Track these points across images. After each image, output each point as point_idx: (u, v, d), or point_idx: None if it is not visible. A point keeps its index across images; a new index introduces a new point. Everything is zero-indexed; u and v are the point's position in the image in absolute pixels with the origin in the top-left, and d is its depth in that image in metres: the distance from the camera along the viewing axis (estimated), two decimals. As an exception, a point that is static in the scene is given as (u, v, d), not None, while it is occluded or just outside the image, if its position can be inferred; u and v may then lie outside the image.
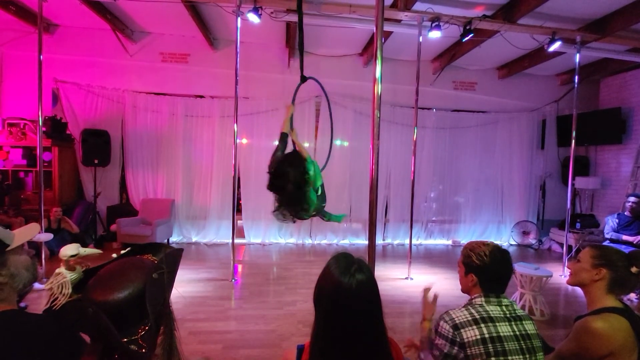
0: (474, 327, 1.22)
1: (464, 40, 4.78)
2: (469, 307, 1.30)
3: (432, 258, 5.98)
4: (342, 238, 6.75)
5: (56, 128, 5.45)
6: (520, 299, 3.64)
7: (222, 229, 6.39)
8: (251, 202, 6.42)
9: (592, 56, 5.93)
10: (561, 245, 5.86)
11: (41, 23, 4.19)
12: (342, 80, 6.44)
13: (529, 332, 1.25)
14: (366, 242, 2.58)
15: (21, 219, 4.89)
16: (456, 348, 1.24)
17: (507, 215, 7.19)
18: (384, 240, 6.84)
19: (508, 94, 7.11)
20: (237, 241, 4.99)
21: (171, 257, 0.93)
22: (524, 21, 4.64)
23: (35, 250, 1.73)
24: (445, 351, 1.26)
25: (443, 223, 7.14)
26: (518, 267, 3.68)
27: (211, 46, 6.12)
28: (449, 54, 6.16)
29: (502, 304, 1.30)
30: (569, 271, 1.59)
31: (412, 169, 4.92)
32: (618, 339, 1.29)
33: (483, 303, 1.31)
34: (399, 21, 4.76)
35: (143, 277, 0.84)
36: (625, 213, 4.57)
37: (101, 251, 1.26)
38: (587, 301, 1.50)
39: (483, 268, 1.34)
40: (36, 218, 4.43)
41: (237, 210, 4.76)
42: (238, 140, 4.54)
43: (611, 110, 6.52)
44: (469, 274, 1.38)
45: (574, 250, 5.66)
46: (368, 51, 6.20)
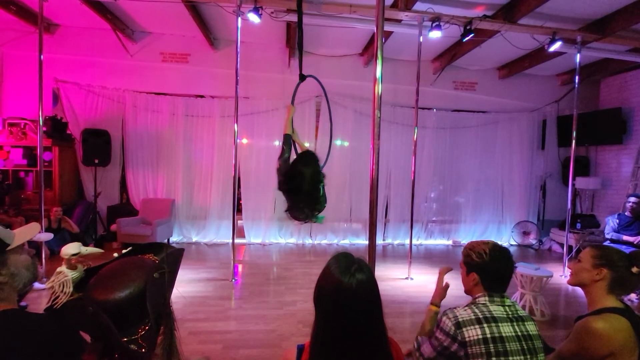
0: (477, 327, 1.23)
1: (465, 40, 4.78)
2: (472, 307, 1.30)
3: (433, 258, 5.98)
4: (343, 238, 6.75)
5: (56, 128, 5.45)
6: (520, 299, 3.63)
7: (222, 229, 6.40)
8: (251, 202, 6.43)
9: (593, 56, 5.92)
10: (561, 245, 5.86)
11: (42, 23, 4.19)
12: (343, 80, 6.44)
13: (531, 333, 1.25)
14: (366, 242, 2.58)
15: (21, 219, 4.89)
16: (456, 345, 1.24)
17: (508, 215, 7.19)
18: (384, 240, 6.84)
19: (508, 94, 7.11)
20: (238, 241, 4.98)
21: (172, 257, 0.94)
22: (525, 21, 4.64)
23: (35, 249, 1.73)
24: (444, 345, 1.28)
25: (443, 223, 7.14)
26: (518, 268, 3.67)
27: (211, 46, 6.12)
28: (450, 54, 6.15)
29: (505, 304, 1.31)
30: (570, 271, 1.59)
31: (413, 169, 4.93)
32: (618, 339, 1.29)
33: (487, 302, 1.31)
34: (400, 21, 4.76)
35: (144, 277, 0.84)
36: (625, 213, 4.57)
37: (102, 250, 1.26)
38: (588, 301, 1.50)
39: (483, 266, 1.34)
40: (36, 218, 4.43)
41: (237, 210, 4.76)
42: (238, 140, 4.54)
43: (612, 110, 6.52)
44: (471, 273, 1.38)
45: (575, 250, 5.66)
46: (368, 51, 6.20)
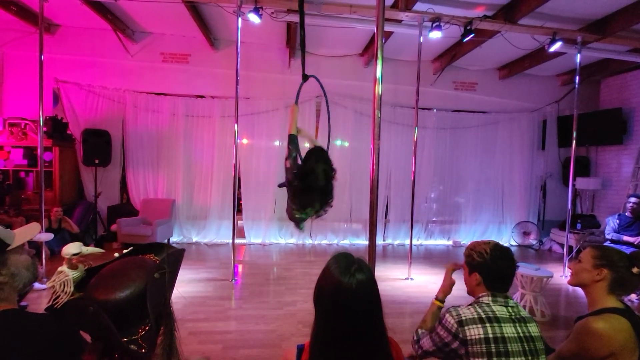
0: (479, 326, 1.23)
1: (465, 40, 4.78)
2: (476, 306, 1.30)
3: (433, 258, 5.97)
4: (343, 238, 6.75)
5: (57, 128, 5.45)
6: (520, 300, 3.63)
7: (223, 229, 6.39)
8: (251, 202, 6.43)
9: (593, 56, 5.92)
10: (562, 245, 5.85)
11: (42, 23, 4.20)
12: (343, 80, 6.44)
13: (533, 335, 1.25)
14: (366, 243, 2.59)
15: (22, 219, 4.89)
16: (457, 343, 1.25)
17: (508, 215, 7.19)
18: (385, 240, 6.84)
19: (509, 95, 7.11)
20: (238, 241, 4.98)
21: (173, 257, 0.94)
22: (525, 21, 4.64)
23: (35, 250, 1.74)
24: (445, 341, 1.29)
25: (443, 223, 7.14)
26: (519, 268, 3.67)
27: (212, 46, 6.12)
28: (450, 54, 6.15)
29: (509, 305, 1.31)
30: (570, 272, 1.59)
31: (413, 169, 4.93)
32: (619, 340, 1.29)
33: (490, 302, 1.31)
34: (400, 21, 4.76)
35: (144, 277, 0.84)
36: (626, 214, 4.56)
37: (103, 250, 1.26)
38: (588, 302, 1.50)
39: (485, 265, 1.35)
40: (37, 218, 4.43)
41: (238, 210, 4.76)
42: (238, 140, 4.54)
43: (612, 110, 6.52)
44: (473, 274, 1.38)
45: (575, 250, 5.66)
46: (369, 51, 6.20)
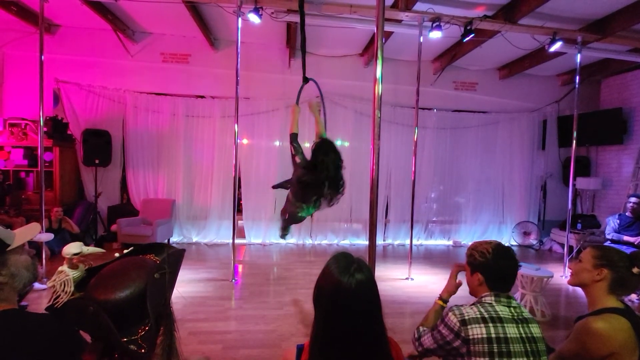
0: (482, 326, 1.23)
1: (465, 40, 4.78)
2: (479, 305, 1.30)
3: (433, 258, 5.97)
4: (343, 238, 6.75)
5: (57, 128, 5.46)
6: (521, 300, 3.62)
7: (223, 229, 6.39)
8: (252, 202, 6.43)
9: (593, 56, 5.92)
10: (562, 245, 5.85)
11: (42, 23, 4.20)
12: (343, 80, 6.44)
13: (535, 336, 1.25)
14: (366, 243, 2.59)
15: (22, 219, 4.89)
16: (459, 341, 1.25)
17: (508, 215, 7.18)
18: (385, 240, 6.84)
19: (509, 95, 7.10)
20: (238, 241, 4.98)
21: (173, 258, 0.93)
22: (525, 21, 4.64)
23: (35, 250, 1.74)
24: (447, 339, 1.28)
25: (444, 223, 7.14)
26: (520, 267, 3.67)
27: (212, 46, 6.13)
28: (450, 54, 6.15)
29: (512, 305, 1.31)
30: (570, 271, 1.59)
31: (413, 169, 4.93)
32: (619, 340, 1.29)
33: (493, 302, 1.31)
34: (400, 21, 4.76)
35: (145, 277, 0.84)
36: (626, 214, 4.56)
37: (104, 250, 1.26)
38: (588, 301, 1.50)
39: (486, 265, 1.35)
40: (37, 218, 4.43)
41: (238, 210, 4.76)
42: (238, 140, 4.54)
43: (612, 110, 6.51)
44: (475, 273, 1.39)
45: (575, 250, 5.66)
46: (369, 51, 6.20)
